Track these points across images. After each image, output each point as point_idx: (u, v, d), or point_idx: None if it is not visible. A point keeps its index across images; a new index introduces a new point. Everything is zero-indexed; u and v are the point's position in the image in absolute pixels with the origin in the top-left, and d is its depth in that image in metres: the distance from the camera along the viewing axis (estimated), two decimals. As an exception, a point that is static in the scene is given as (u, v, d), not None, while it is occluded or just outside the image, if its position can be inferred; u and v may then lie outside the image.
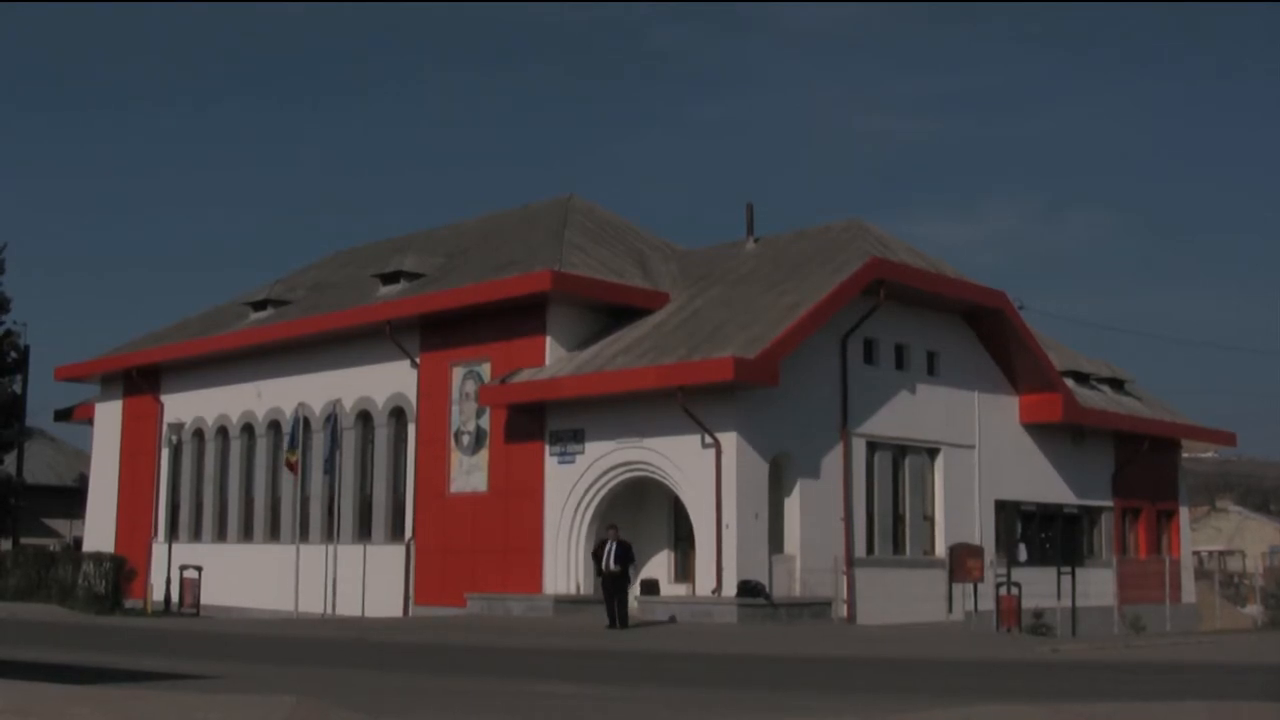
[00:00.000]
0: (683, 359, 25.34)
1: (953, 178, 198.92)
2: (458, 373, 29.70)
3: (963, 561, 28.59)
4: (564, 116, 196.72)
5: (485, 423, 28.97)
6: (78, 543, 41.95)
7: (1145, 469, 36.52)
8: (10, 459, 46.17)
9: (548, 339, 28.16)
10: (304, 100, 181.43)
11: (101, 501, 39.58)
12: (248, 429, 35.39)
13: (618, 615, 23.32)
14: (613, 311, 28.93)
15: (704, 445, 25.28)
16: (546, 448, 27.86)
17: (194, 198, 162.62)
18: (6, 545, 42.37)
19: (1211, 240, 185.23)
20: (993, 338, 31.28)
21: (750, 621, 24.16)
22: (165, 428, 36.58)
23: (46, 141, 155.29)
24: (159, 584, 32.99)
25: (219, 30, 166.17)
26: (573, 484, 27.23)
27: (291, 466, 31.71)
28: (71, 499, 48.34)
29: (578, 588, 26.94)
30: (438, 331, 30.22)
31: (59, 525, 51.90)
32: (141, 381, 38.04)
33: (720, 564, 24.91)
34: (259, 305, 37.14)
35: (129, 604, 32.56)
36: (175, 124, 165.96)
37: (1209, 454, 55.28)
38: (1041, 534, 33.65)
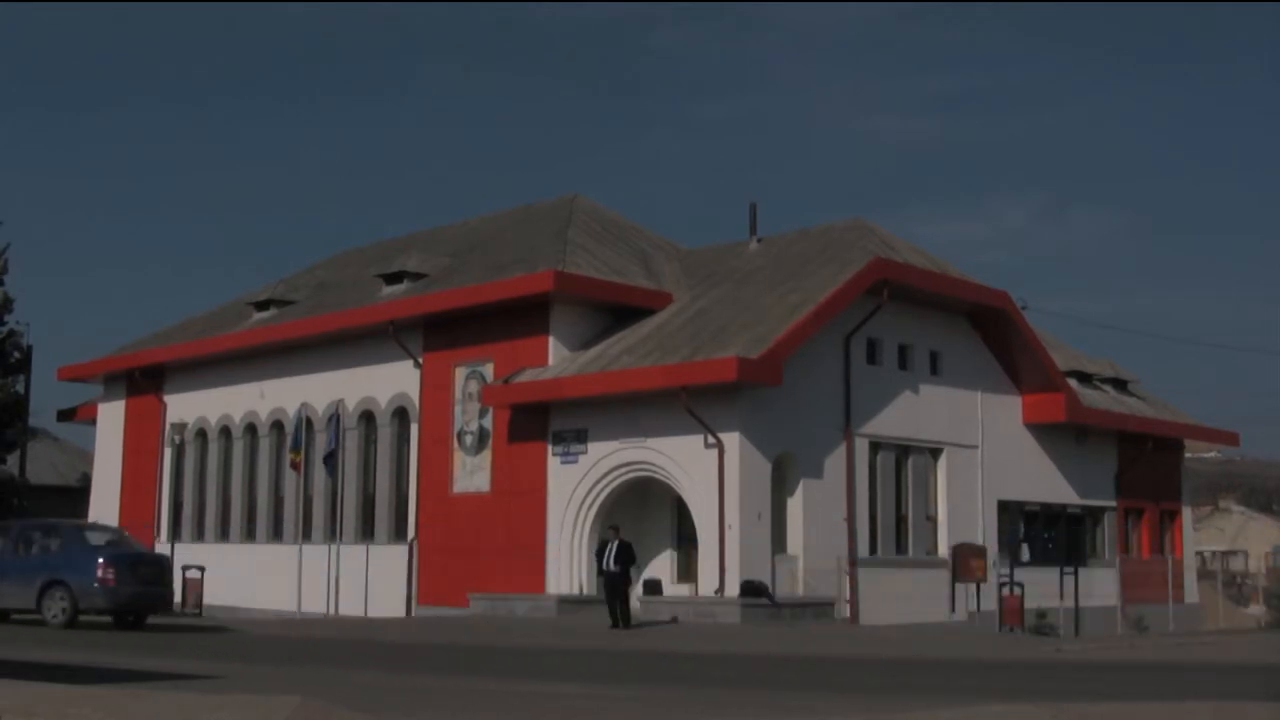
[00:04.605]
0: (686, 359, 25.34)
1: (956, 177, 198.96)
2: (461, 373, 29.70)
3: (966, 561, 28.59)
4: (567, 116, 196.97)
5: (488, 423, 28.97)
6: (81, 542, 41.92)
7: (1148, 469, 36.49)
8: (13, 459, 46.18)
9: (551, 339, 28.17)
10: (304, 100, 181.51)
11: (104, 501, 39.59)
12: (251, 429, 35.42)
13: (620, 615, 23.32)
14: (616, 311, 28.93)
15: (707, 445, 25.27)
16: (549, 448, 27.86)
17: (195, 198, 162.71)
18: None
19: (1215, 240, 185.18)
20: (996, 338, 31.25)
21: (753, 622, 24.15)
22: (168, 427, 36.62)
23: (49, 142, 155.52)
24: (162, 584, 32.96)
25: (219, 30, 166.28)
26: (576, 484, 27.23)
27: (295, 466, 31.72)
28: (74, 499, 48.29)
29: (581, 588, 26.93)
30: (441, 331, 30.22)
31: (62, 525, 51.87)
32: (144, 381, 38.07)
33: (723, 564, 24.90)
34: (262, 305, 37.17)
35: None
36: (176, 124, 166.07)
37: (1212, 454, 55.21)
38: (1044, 534, 33.63)
